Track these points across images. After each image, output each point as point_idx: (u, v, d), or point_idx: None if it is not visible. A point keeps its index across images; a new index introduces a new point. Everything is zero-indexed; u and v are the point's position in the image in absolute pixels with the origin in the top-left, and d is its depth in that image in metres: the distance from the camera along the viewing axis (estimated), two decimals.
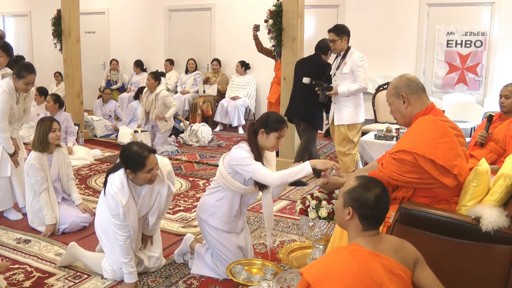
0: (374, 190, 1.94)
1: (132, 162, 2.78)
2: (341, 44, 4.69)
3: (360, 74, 4.63)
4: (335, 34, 4.68)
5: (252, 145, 2.92)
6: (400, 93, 2.54)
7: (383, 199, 1.95)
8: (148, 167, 2.77)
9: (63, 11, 6.86)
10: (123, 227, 2.87)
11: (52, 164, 3.83)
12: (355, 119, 4.79)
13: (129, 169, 2.80)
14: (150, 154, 2.79)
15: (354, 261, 1.81)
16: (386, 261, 1.86)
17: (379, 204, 1.94)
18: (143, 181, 2.84)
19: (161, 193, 3.02)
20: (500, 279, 2.13)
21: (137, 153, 2.77)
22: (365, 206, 1.93)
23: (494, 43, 6.75)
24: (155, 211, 3.05)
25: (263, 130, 2.90)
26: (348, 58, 4.70)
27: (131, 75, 9.43)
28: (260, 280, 2.86)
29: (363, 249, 1.87)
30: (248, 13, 8.00)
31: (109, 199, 2.86)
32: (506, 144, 3.50)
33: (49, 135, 3.77)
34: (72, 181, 4.02)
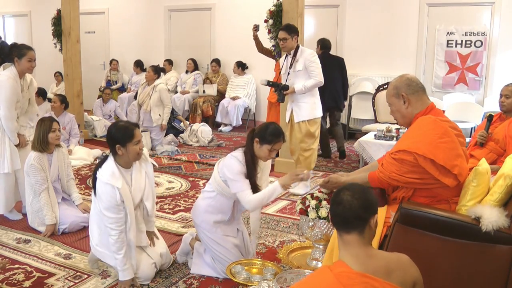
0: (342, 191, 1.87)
1: (121, 135, 2.89)
2: (291, 42, 4.71)
3: (314, 69, 4.67)
4: (287, 33, 4.69)
5: (248, 152, 2.94)
6: (400, 93, 2.54)
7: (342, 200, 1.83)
8: (136, 139, 2.91)
9: (63, 11, 6.86)
10: (117, 220, 2.85)
11: (52, 164, 3.83)
12: (314, 113, 4.82)
13: (119, 143, 2.88)
14: (136, 127, 2.98)
15: (339, 285, 1.68)
16: (374, 282, 1.71)
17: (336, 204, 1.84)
18: (132, 154, 2.91)
19: (148, 172, 3.09)
20: (500, 279, 2.13)
21: (124, 126, 2.95)
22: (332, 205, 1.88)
23: (494, 43, 6.75)
24: (148, 194, 3.07)
25: (258, 140, 2.92)
26: (299, 55, 4.74)
27: (131, 75, 9.44)
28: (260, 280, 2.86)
29: (351, 270, 1.72)
30: (248, 13, 8.01)
31: (103, 189, 2.85)
32: (506, 144, 3.50)
33: (49, 135, 3.76)
34: (72, 181, 4.02)
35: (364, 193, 1.87)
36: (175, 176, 5.42)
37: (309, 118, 4.78)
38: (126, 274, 2.90)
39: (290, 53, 4.78)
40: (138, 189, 3.02)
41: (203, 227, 3.05)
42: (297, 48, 4.75)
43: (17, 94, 3.88)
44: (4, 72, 3.88)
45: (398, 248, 2.34)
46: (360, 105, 7.48)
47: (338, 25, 7.72)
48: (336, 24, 7.75)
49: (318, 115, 4.83)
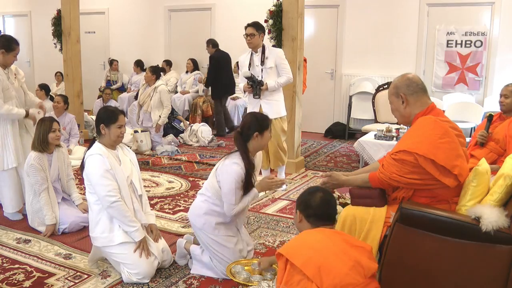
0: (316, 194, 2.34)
1: (107, 116, 3.08)
2: (258, 39, 4.76)
3: (286, 67, 4.79)
4: (254, 29, 4.74)
5: (244, 156, 2.96)
6: (399, 93, 2.54)
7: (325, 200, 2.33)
8: (119, 123, 3.08)
9: (63, 11, 6.86)
10: (114, 187, 2.96)
11: (52, 164, 3.83)
12: (284, 111, 4.95)
13: (103, 123, 3.07)
14: (121, 113, 3.16)
15: (320, 233, 2.18)
16: (346, 236, 2.25)
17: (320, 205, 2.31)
18: (114, 136, 3.08)
19: (132, 160, 3.24)
20: (500, 279, 2.13)
21: (111, 109, 3.17)
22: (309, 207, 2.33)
23: (494, 43, 6.74)
24: (135, 175, 3.18)
25: (257, 133, 2.97)
26: (268, 53, 4.78)
27: (131, 75, 9.43)
28: (260, 280, 2.86)
29: (325, 229, 2.25)
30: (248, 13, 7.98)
31: (91, 161, 2.99)
32: (506, 144, 3.51)
33: (49, 135, 3.77)
34: (72, 181, 4.02)
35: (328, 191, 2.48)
36: (175, 176, 5.42)
37: (282, 115, 4.90)
38: (139, 235, 3.00)
39: (256, 50, 4.80)
40: (126, 166, 3.14)
41: (205, 229, 3.05)
42: (264, 47, 4.81)
43: (1, 83, 3.84)
44: None
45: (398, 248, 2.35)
46: (360, 105, 7.48)
47: (338, 25, 7.72)
48: (336, 24, 7.75)
49: (285, 112, 4.98)
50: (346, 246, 2.12)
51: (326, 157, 6.40)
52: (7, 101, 3.89)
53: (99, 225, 3.04)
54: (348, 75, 7.73)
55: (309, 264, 2.01)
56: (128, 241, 3.00)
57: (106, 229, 3.02)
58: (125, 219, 2.98)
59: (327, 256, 2.04)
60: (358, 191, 2.62)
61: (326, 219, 2.32)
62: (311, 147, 6.96)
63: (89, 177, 3.00)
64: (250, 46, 4.81)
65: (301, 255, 2.05)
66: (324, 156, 6.43)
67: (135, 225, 3.00)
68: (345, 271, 2.01)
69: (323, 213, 2.32)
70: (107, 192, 2.93)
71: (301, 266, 2.01)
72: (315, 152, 6.64)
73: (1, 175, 3.99)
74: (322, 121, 7.94)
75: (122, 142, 3.21)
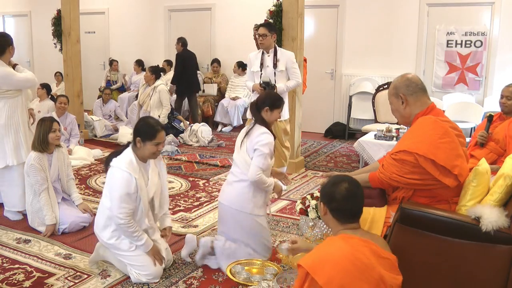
0: (341, 184, 2.12)
1: (145, 131, 2.95)
2: (270, 40, 4.76)
3: (296, 71, 4.83)
4: (267, 30, 4.74)
5: (264, 124, 3.23)
6: (399, 94, 2.54)
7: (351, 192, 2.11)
8: (157, 140, 2.94)
9: (63, 11, 6.86)
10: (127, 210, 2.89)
11: (52, 164, 3.83)
12: (287, 114, 4.99)
13: (140, 137, 2.94)
14: (162, 129, 3.00)
15: (347, 245, 1.97)
16: (373, 246, 2.04)
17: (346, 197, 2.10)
18: (148, 152, 2.96)
19: (161, 172, 3.17)
20: (500, 279, 2.13)
21: (152, 124, 2.99)
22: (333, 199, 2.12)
23: (494, 43, 6.74)
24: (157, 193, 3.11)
25: (267, 108, 3.23)
26: (280, 55, 4.78)
27: (131, 75, 9.43)
28: (260, 280, 2.86)
29: (353, 236, 2.05)
30: (248, 13, 8.00)
31: (118, 176, 2.88)
32: (506, 144, 3.50)
33: (49, 135, 3.76)
34: (72, 181, 4.02)
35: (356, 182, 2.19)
36: (175, 176, 5.42)
37: (286, 117, 4.91)
38: (148, 247, 2.99)
39: (268, 51, 4.79)
40: (154, 184, 3.07)
41: (255, 212, 3.17)
42: (275, 47, 4.81)
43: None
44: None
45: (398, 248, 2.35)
46: (360, 105, 7.48)
47: (338, 25, 7.72)
48: (336, 24, 7.75)
49: (288, 115, 5.02)
50: (373, 259, 1.97)
51: (326, 157, 6.40)
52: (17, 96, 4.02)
53: (107, 230, 3.03)
54: (348, 75, 7.73)
55: (331, 284, 1.89)
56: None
57: (113, 236, 3.01)
58: (132, 238, 2.96)
59: (351, 275, 1.91)
60: None
61: (351, 216, 2.13)
62: (311, 147, 6.96)
63: (110, 187, 2.95)
64: (262, 47, 4.79)
65: (324, 272, 1.91)
66: (324, 156, 6.43)
67: (141, 241, 2.97)
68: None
69: (348, 208, 2.12)
70: (118, 214, 2.89)
71: (323, 285, 1.89)
72: (315, 152, 6.65)
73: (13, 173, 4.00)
74: (322, 121, 7.94)
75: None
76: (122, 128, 7.26)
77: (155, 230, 3.16)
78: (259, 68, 4.83)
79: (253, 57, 4.93)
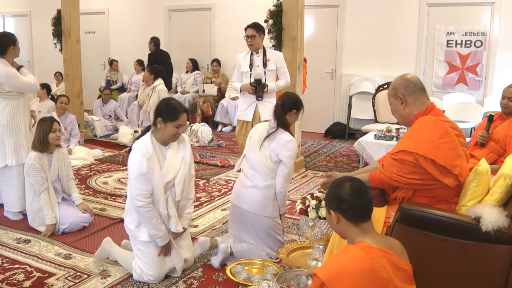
0: (345, 184, 2.04)
1: (167, 112, 2.88)
2: (259, 40, 4.75)
3: (286, 71, 4.84)
4: (255, 30, 4.72)
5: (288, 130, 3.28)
6: (398, 94, 2.55)
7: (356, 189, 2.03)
8: (178, 122, 2.88)
9: (63, 11, 6.86)
10: (144, 192, 2.84)
11: (52, 164, 3.83)
12: None
13: (161, 117, 2.88)
14: (184, 112, 2.92)
15: (367, 257, 1.87)
16: (392, 257, 1.95)
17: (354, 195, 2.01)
18: (168, 134, 2.91)
19: (185, 158, 3.05)
20: (500, 279, 2.13)
21: (174, 105, 2.91)
22: (342, 201, 2.01)
23: (494, 43, 6.75)
24: (180, 178, 3.00)
25: (295, 111, 3.31)
26: (269, 55, 4.79)
27: (131, 75, 9.43)
28: (260, 280, 2.86)
29: (372, 246, 1.93)
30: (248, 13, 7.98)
31: (132, 157, 2.88)
32: (506, 144, 3.50)
33: (49, 135, 3.77)
34: (72, 181, 4.02)
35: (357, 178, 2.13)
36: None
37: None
38: (164, 240, 2.94)
39: (257, 52, 4.79)
40: (171, 169, 2.96)
41: (274, 215, 3.27)
42: (264, 48, 4.81)
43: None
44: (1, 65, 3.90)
45: None
46: (360, 105, 7.48)
47: (338, 25, 7.72)
48: (336, 24, 7.75)
49: None
50: (391, 272, 1.90)
51: (326, 157, 6.40)
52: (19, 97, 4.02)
53: (129, 215, 3.03)
54: (348, 75, 7.74)
55: None
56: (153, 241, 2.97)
57: (134, 222, 2.99)
58: (149, 224, 2.91)
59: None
60: None
61: (363, 213, 2.02)
62: (311, 147, 6.96)
63: (128, 169, 2.95)
64: (252, 48, 4.78)
65: (341, 285, 1.84)
66: (324, 156, 6.43)
67: (159, 232, 2.92)
68: None
69: (360, 204, 2.02)
70: (135, 195, 2.87)
71: None
72: (315, 152, 6.65)
73: (12, 173, 4.00)
74: (322, 121, 7.94)
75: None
76: (122, 128, 7.26)
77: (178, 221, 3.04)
78: (249, 68, 4.80)
79: (242, 58, 4.90)
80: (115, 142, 7.06)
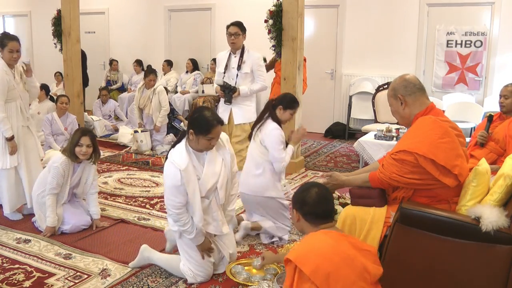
0: (312, 189, 2.23)
1: (199, 126, 2.79)
2: (241, 39, 4.62)
3: (262, 74, 4.66)
4: (239, 28, 4.59)
5: (276, 119, 3.57)
6: (397, 95, 2.55)
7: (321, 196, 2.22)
8: (210, 135, 2.79)
9: (63, 11, 6.86)
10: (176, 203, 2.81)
11: (76, 172, 3.76)
12: (255, 116, 4.70)
13: (193, 129, 2.81)
14: (218, 124, 2.81)
15: (328, 238, 2.10)
16: (352, 239, 2.19)
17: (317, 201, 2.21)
18: (202, 146, 2.85)
19: (225, 160, 3.00)
20: (500, 279, 2.13)
21: (207, 119, 2.79)
22: (305, 204, 2.22)
23: (494, 43, 6.74)
24: (223, 182, 2.97)
25: (281, 107, 3.57)
26: (246, 57, 4.63)
27: (131, 75, 9.43)
28: (260, 280, 2.86)
29: (331, 231, 2.17)
30: (248, 13, 7.99)
31: (166, 168, 2.85)
32: (506, 144, 3.51)
33: (75, 148, 3.64)
34: (95, 195, 3.90)
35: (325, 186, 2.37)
36: None
37: (251, 120, 4.68)
38: (199, 239, 2.93)
39: (235, 52, 4.66)
40: (211, 174, 2.91)
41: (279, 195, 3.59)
42: (243, 48, 4.67)
43: (7, 84, 3.82)
44: None
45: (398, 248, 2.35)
46: (360, 105, 7.48)
47: (338, 25, 7.72)
48: (336, 24, 7.75)
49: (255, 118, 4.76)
50: (354, 251, 2.07)
51: (326, 157, 6.40)
52: (11, 101, 3.89)
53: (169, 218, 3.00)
54: (348, 75, 7.73)
55: (318, 273, 1.97)
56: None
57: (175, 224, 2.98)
58: (183, 231, 2.90)
59: (335, 264, 2.00)
60: (358, 191, 2.62)
61: (324, 216, 2.21)
62: (311, 147, 6.96)
63: (164, 178, 2.91)
64: (234, 46, 4.63)
65: (310, 262, 2.00)
66: (324, 156, 6.43)
67: (191, 235, 2.89)
68: (353, 278, 1.99)
69: (321, 210, 2.21)
70: (167, 205, 2.86)
71: (310, 275, 1.97)
72: (315, 152, 6.65)
73: (2, 175, 3.97)
74: (322, 121, 7.94)
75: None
76: (122, 128, 7.26)
77: (223, 223, 3.04)
78: (223, 69, 4.70)
79: (221, 57, 4.79)
80: (115, 142, 7.06)
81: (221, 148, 3.01)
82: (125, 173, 5.53)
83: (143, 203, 4.48)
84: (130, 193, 4.80)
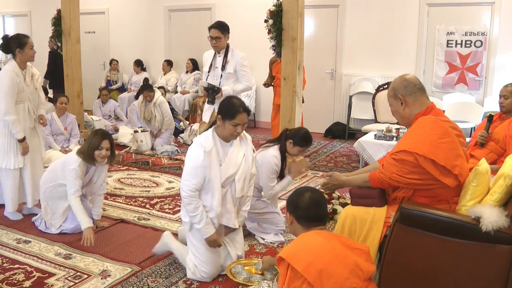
0: (305, 194, 2.30)
1: (226, 110, 2.91)
2: (224, 41, 4.60)
3: (245, 74, 4.60)
4: (220, 32, 4.57)
5: (283, 150, 3.61)
6: (397, 95, 2.55)
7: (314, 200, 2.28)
8: (236, 121, 2.88)
9: (63, 11, 6.86)
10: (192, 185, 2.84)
11: (88, 173, 3.75)
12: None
13: (220, 115, 2.91)
14: (244, 111, 2.91)
15: (319, 237, 2.15)
16: (343, 239, 2.23)
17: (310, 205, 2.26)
18: (227, 132, 2.92)
19: (246, 155, 3.07)
20: (500, 279, 2.13)
21: (234, 105, 2.92)
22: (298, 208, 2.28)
23: (494, 43, 6.75)
24: (241, 175, 3.01)
25: (291, 141, 3.58)
26: (230, 57, 4.59)
27: (131, 75, 9.43)
28: (260, 280, 2.86)
29: (322, 231, 2.23)
30: (248, 13, 8.01)
31: (190, 150, 2.91)
32: (506, 144, 3.51)
33: (95, 152, 3.60)
34: (101, 197, 3.89)
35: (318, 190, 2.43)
36: (175, 176, 5.42)
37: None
38: (209, 231, 2.92)
39: (219, 52, 4.63)
40: (232, 164, 2.98)
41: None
42: (227, 48, 4.63)
43: (17, 86, 3.86)
44: (5, 66, 3.87)
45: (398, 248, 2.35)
46: (360, 105, 7.48)
47: (338, 25, 7.72)
48: (336, 24, 7.75)
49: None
50: (345, 249, 2.11)
51: (326, 157, 6.40)
52: (20, 103, 3.91)
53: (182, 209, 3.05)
54: (348, 75, 7.74)
55: (310, 269, 2.00)
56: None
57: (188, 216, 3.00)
58: (192, 217, 2.92)
59: (328, 260, 2.03)
60: (358, 191, 2.63)
61: (316, 220, 2.28)
62: (311, 147, 6.96)
63: (185, 163, 2.94)
64: (217, 49, 4.61)
65: (302, 259, 2.04)
66: (324, 156, 6.43)
67: (200, 224, 2.90)
68: (345, 275, 2.01)
69: (313, 214, 2.27)
70: (183, 185, 2.89)
71: (302, 271, 2.00)
72: (315, 152, 6.65)
73: (6, 174, 3.99)
74: (322, 121, 7.94)
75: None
76: (122, 128, 7.26)
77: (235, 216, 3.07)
78: (208, 69, 4.68)
79: (207, 57, 4.77)
80: (115, 142, 7.05)
81: (245, 144, 3.11)
82: (125, 173, 5.54)
83: (143, 203, 4.49)
84: (130, 193, 4.80)
